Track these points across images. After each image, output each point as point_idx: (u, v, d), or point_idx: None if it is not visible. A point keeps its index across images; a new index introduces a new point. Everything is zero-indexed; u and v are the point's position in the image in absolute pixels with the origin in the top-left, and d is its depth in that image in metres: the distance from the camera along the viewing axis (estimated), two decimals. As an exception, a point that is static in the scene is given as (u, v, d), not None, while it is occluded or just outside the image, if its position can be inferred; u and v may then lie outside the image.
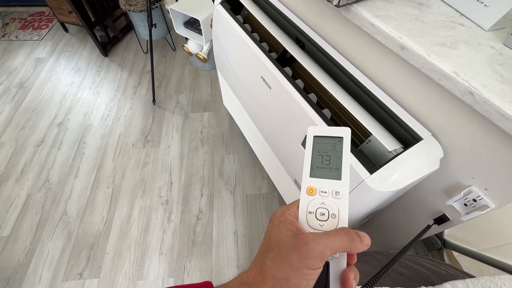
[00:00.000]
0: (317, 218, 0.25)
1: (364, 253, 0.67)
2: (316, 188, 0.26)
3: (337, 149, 0.27)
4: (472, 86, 0.38)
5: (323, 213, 0.25)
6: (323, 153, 0.27)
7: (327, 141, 0.28)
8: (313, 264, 0.21)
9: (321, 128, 0.29)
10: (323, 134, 0.28)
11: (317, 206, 0.25)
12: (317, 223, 0.25)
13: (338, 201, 0.25)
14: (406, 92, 0.52)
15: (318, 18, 0.68)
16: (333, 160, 0.27)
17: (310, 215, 0.25)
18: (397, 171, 0.49)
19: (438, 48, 0.43)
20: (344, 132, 0.27)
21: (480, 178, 0.45)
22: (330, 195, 0.26)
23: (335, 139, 0.27)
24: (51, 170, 1.37)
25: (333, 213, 0.25)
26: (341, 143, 0.27)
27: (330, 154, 0.27)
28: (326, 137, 0.28)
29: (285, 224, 0.25)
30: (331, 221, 0.25)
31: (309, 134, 0.29)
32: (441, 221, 0.56)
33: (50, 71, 1.88)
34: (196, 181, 1.32)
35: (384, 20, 0.48)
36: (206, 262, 1.09)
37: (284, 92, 0.67)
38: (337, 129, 0.28)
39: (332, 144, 0.27)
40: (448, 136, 0.47)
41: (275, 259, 0.23)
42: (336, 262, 0.23)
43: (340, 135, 0.27)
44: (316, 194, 0.26)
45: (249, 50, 0.77)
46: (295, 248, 0.22)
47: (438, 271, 0.51)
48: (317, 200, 0.26)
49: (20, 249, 1.14)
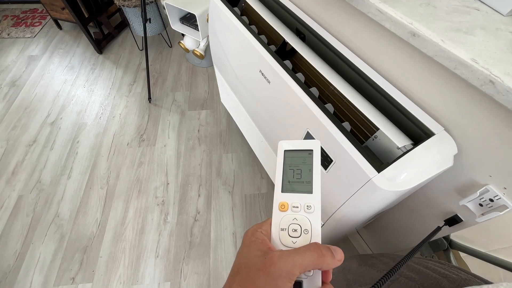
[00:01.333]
0: (289, 235, 0.24)
1: (371, 256, 0.63)
2: (288, 203, 0.25)
3: (308, 162, 0.27)
4: (493, 74, 0.34)
5: (295, 229, 0.24)
6: (294, 167, 0.27)
7: (297, 155, 0.27)
8: (280, 285, 0.20)
9: (291, 142, 0.28)
10: (293, 148, 0.28)
11: (289, 222, 0.24)
12: (289, 240, 0.24)
13: (310, 215, 0.24)
14: (416, 84, 0.48)
15: (319, 8, 0.64)
16: (304, 174, 0.26)
17: (282, 232, 0.24)
18: (407, 169, 0.45)
19: (453, 34, 0.39)
20: (314, 144, 0.27)
21: (498, 176, 0.42)
22: (302, 209, 0.25)
23: (305, 152, 0.27)
24: (43, 171, 1.33)
25: (306, 228, 0.24)
26: (311, 156, 0.27)
27: (301, 167, 0.27)
28: (296, 150, 0.28)
29: (255, 243, 0.23)
30: (303, 237, 0.23)
31: (279, 149, 0.28)
32: (453, 222, 0.52)
33: (43, 69, 1.83)
34: (193, 181, 1.28)
35: (393, 5, 0.44)
36: (203, 265, 1.05)
37: (284, 87, 0.63)
38: (306, 142, 0.28)
39: (303, 157, 0.27)
40: (464, 130, 0.43)
41: (243, 282, 0.21)
42: (310, 281, 0.22)
43: (310, 148, 0.27)
44: (288, 209, 0.25)
45: (247, 43, 0.73)
46: (262, 269, 0.21)
47: (449, 275, 0.48)
48: (289, 216, 0.25)
49: (10, 253, 1.10)
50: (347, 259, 0.64)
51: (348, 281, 0.58)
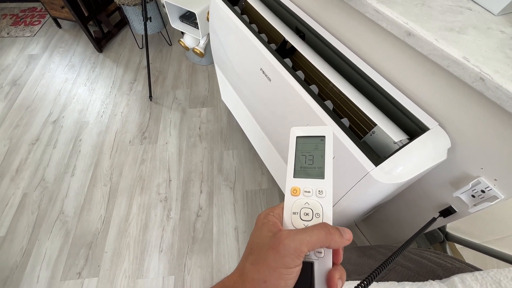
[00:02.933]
0: (301, 219, 0.25)
1: (368, 247, 0.65)
2: (300, 188, 0.26)
3: (320, 148, 0.27)
4: (483, 71, 0.36)
5: (307, 213, 0.25)
6: (306, 153, 0.28)
7: (309, 141, 0.28)
8: (289, 262, 0.21)
9: (303, 128, 0.29)
10: (306, 134, 0.28)
11: (301, 206, 0.26)
12: (301, 223, 0.25)
13: (321, 200, 0.25)
14: (411, 81, 0.50)
15: (318, 7, 0.65)
16: (316, 160, 0.27)
17: (294, 215, 0.25)
18: (403, 162, 0.47)
19: (446, 33, 0.41)
20: (326, 131, 0.28)
21: (489, 168, 0.44)
22: (314, 194, 0.26)
23: (317, 138, 0.28)
24: (47, 169, 1.35)
25: (317, 212, 0.25)
26: (323, 142, 0.27)
27: (313, 153, 0.27)
28: (308, 137, 0.28)
29: (267, 225, 0.25)
30: (315, 220, 0.25)
31: (292, 135, 0.29)
32: (447, 213, 0.55)
33: (44, 68, 1.84)
34: (195, 178, 1.31)
35: (389, 6, 0.46)
36: (206, 259, 1.08)
37: (284, 84, 0.65)
38: (319, 129, 0.28)
39: (315, 143, 0.28)
40: (456, 125, 0.45)
41: (255, 261, 0.22)
42: (321, 262, 0.23)
43: (322, 134, 0.28)
44: (300, 194, 0.26)
45: (247, 41, 0.74)
46: (272, 247, 0.22)
47: (444, 264, 0.50)
48: (301, 200, 0.26)
49: (16, 249, 1.12)
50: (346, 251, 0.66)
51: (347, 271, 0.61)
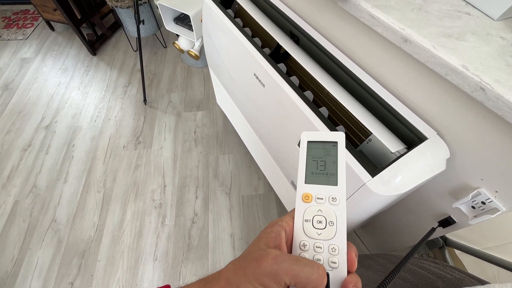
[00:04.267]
0: (314, 226, 0.24)
1: (366, 256, 0.64)
2: (312, 194, 0.25)
3: (332, 154, 0.26)
4: (483, 81, 0.34)
5: (320, 221, 0.24)
6: (318, 158, 0.27)
7: (321, 146, 0.27)
8: (266, 283, 0.20)
9: (314, 133, 0.28)
10: (317, 139, 0.27)
11: (313, 213, 0.24)
12: (314, 231, 0.24)
13: (335, 207, 0.24)
14: (409, 88, 0.48)
15: (313, 11, 0.64)
16: (328, 166, 0.26)
17: (306, 223, 0.24)
18: (401, 173, 0.45)
19: (444, 40, 0.39)
20: (338, 136, 0.27)
21: (490, 179, 0.42)
22: (327, 201, 0.24)
23: (329, 144, 0.27)
24: (39, 175, 1.32)
25: (331, 220, 0.24)
26: (336, 148, 0.26)
27: (325, 159, 0.26)
28: (320, 142, 0.27)
29: (267, 237, 0.23)
30: (329, 229, 0.23)
31: (302, 139, 0.28)
32: (447, 223, 0.53)
33: (36, 72, 1.81)
34: (190, 183, 1.28)
35: (385, 11, 0.44)
36: (202, 267, 1.06)
37: (278, 90, 0.63)
38: (331, 134, 0.27)
39: (327, 149, 0.27)
40: (456, 135, 0.44)
41: (237, 264, 0.22)
42: (336, 272, 0.22)
43: (334, 140, 0.26)
44: (312, 201, 0.25)
45: (240, 45, 0.72)
46: (256, 259, 0.21)
47: (443, 275, 0.48)
48: (314, 207, 0.25)
49: (7, 259, 1.09)
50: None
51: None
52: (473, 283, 0.44)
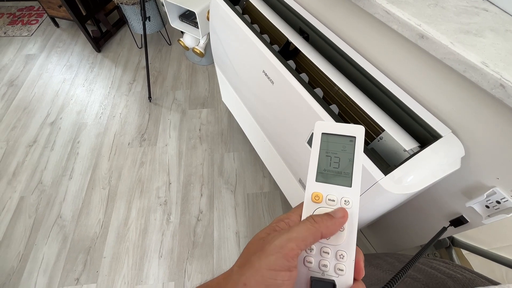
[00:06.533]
0: None
1: (375, 256, 0.63)
2: (322, 195, 0.23)
3: (348, 150, 0.23)
4: (504, 78, 0.34)
5: None
6: (332, 154, 0.24)
7: (336, 140, 0.24)
8: (274, 262, 0.18)
9: (330, 124, 0.24)
10: (333, 131, 0.24)
11: None
12: None
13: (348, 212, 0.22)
14: (423, 86, 0.48)
15: (324, 7, 0.63)
16: (343, 163, 0.23)
17: None
18: (414, 172, 0.45)
19: (462, 36, 0.39)
20: (358, 130, 0.23)
21: (506, 178, 0.42)
22: (339, 204, 0.22)
23: (346, 138, 0.24)
24: (44, 172, 1.32)
25: None
26: (353, 144, 0.23)
27: (340, 155, 0.23)
28: (336, 135, 0.24)
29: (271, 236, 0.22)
30: (339, 234, 0.22)
31: (316, 130, 0.25)
32: (459, 223, 0.52)
33: (41, 68, 1.81)
34: (195, 181, 1.28)
35: (400, 6, 0.44)
36: (207, 265, 1.06)
37: (287, 87, 0.62)
38: (349, 127, 0.24)
39: (343, 144, 0.24)
40: (471, 133, 0.43)
41: (241, 263, 0.21)
42: (341, 279, 0.21)
43: (353, 134, 0.23)
44: (322, 201, 0.23)
45: (249, 42, 0.72)
46: (259, 249, 0.20)
47: (454, 275, 0.48)
48: (324, 209, 0.22)
49: (13, 255, 1.10)
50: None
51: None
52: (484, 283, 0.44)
